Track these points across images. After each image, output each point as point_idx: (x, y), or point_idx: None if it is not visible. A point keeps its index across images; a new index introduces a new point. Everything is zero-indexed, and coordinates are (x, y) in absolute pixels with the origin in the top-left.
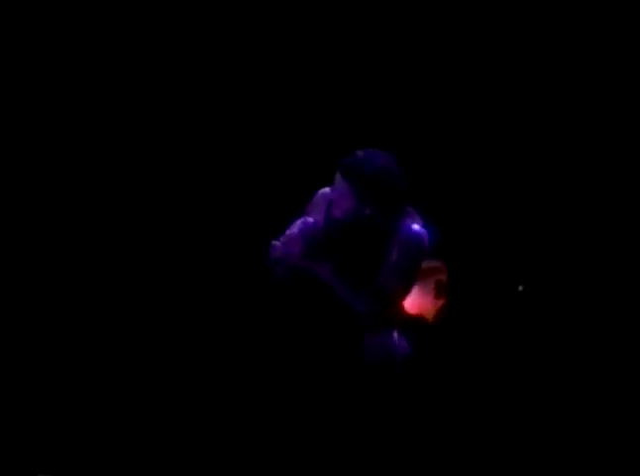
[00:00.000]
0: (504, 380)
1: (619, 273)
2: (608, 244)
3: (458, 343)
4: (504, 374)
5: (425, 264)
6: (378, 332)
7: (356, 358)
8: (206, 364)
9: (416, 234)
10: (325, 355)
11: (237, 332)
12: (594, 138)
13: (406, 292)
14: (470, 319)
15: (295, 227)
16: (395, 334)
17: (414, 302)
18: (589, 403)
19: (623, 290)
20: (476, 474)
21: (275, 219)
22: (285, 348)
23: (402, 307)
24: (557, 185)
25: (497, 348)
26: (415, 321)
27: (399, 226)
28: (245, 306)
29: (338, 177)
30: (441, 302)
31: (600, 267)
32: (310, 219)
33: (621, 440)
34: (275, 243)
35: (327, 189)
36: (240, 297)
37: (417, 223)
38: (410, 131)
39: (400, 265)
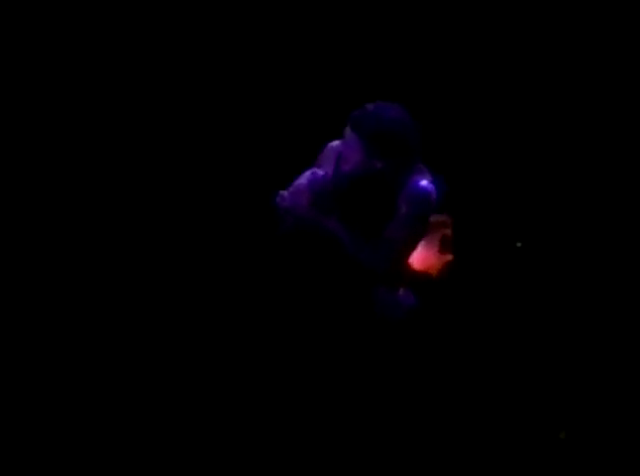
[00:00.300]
0: (505, 345)
1: (615, 236)
2: (608, 210)
3: (461, 298)
4: (505, 339)
5: (431, 218)
6: (385, 286)
7: (362, 310)
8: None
9: (424, 189)
10: (331, 308)
11: (244, 286)
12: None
13: (414, 246)
14: (471, 275)
15: (304, 178)
16: (401, 290)
17: (419, 257)
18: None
19: (619, 255)
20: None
21: (285, 170)
22: (292, 300)
23: (409, 262)
24: (562, 146)
25: (498, 305)
26: (421, 276)
27: (408, 181)
28: (252, 258)
29: (348, 130)
30: (446, 257)
31: (599, 229)
32: (319, 171)
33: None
34: (283, 193)
35: (337, 142)
36: (247, 248)
37: (426, 178)
38: (420, 86)
39: (408, 219)
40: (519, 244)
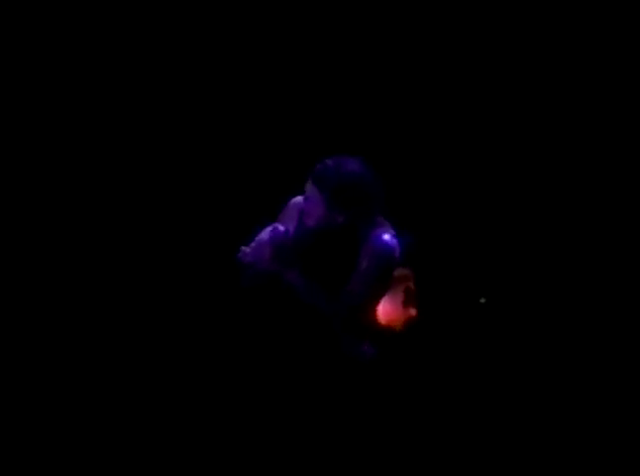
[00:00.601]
0: (471, 387)
1: (579, 287)
2: (564, 262)
3: (426, 351)
4: (471, 381)
5: (395, 272)
6: (349, 342)
7: (325, 364)
8: (178, 369)
9: (387, 244)
10: (295, 361)
11: (208, 336)
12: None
13: (377, 300)
14: (436, 329)
15: (265, 233)
16: (364, 343)
17: (383, 310)
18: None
19: (585, 303)
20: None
21: (247, 226)
22: (256, 352)
23: (373, 316)
24: (521, 202)
25: (463, 357)
26: (385, 329)
27: (370, 235)
28: (216, 310)
29: (309, 185)
30: (410, 311)
31: (560, 284)
32: (280, 226)
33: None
34: (245, 249)
35: (300, 198)
36: (211, 300)
37: (388, 233)
38: (381, 139)
39: (370, 274)
40: (483, 300)
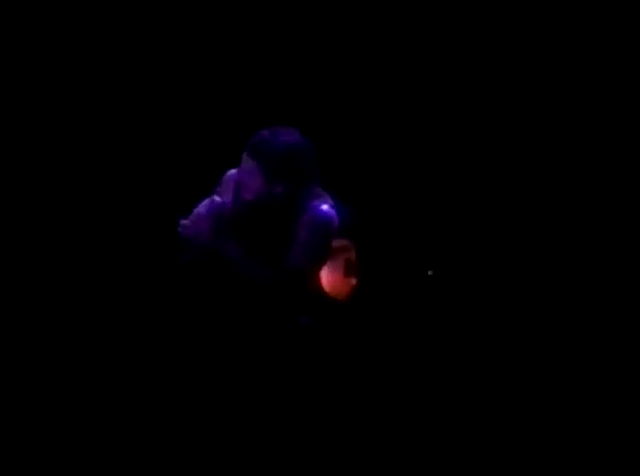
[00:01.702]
0: (413, 361)
1: (520, 260)
2: (510, 230)
3: (367, 323)
4: (412, 355)
5: (334, 243)
6: (290, 313)
7: (268, 337)
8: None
9: (325, 214)
10: (236, 337)
11: (152, 312)
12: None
13: (315, 271)
14: (380, 300)
15: (203, 206)
16: (305, 313)
17: (325, 281)
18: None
19: (527, 278)
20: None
21: (183, 200)
22: (198, 328)
23: (314, 286)
24: (464, 164)
25: (405, 330)
26: (327, 300)
27: (308, 206)
28: (158, 287)
29: (245, 157)
30: (351, 281)
31: (504, 252)
32: (218, 198)
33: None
34: (184, 222)
35: (235, 171)
36: (152, 277)
37: (326, 203)
38: (316, 106)
39: (309, 244)
40: (430, 272)
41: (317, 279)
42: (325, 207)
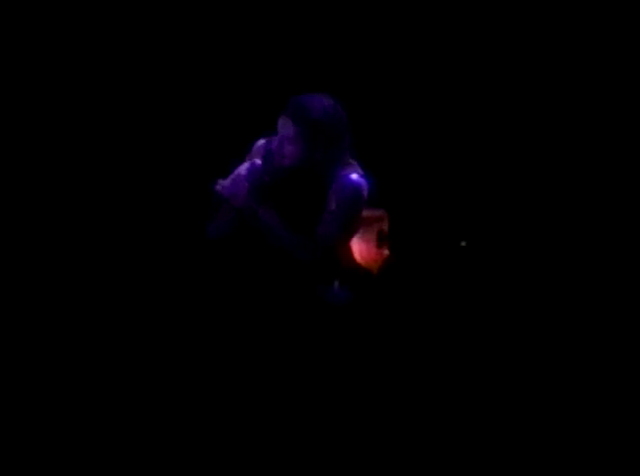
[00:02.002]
0: (445, 335)
1: (554, 233)
2: (545, 207)
3: (400, 294)
4: (444, 328)
5: (367, 213)
6: (320, 280)
7: (297, 307)
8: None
9: (355, 182)
10: (267, 307)
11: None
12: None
13: (346, 241)
14: (412, 271)
15: (242, 168)
16: (336, 284)
17: (357, 252)
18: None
19: (559, 252)
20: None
21: (217, 167)
22: (227, 299)
23: (346, 256)
24: (499, 142)
25: (438, 301)
26: (359, 271)
27: (339, 175)
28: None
29: (283, 122)
30: (384, 252)
31: (539, 227)
32: (258, 161)
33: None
34: (222, 182)
35: (263, 140)
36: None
37: (356, 172)
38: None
39: (339, 213)
40: (464, 243)
41: (348, 249)
42: (355, 176)
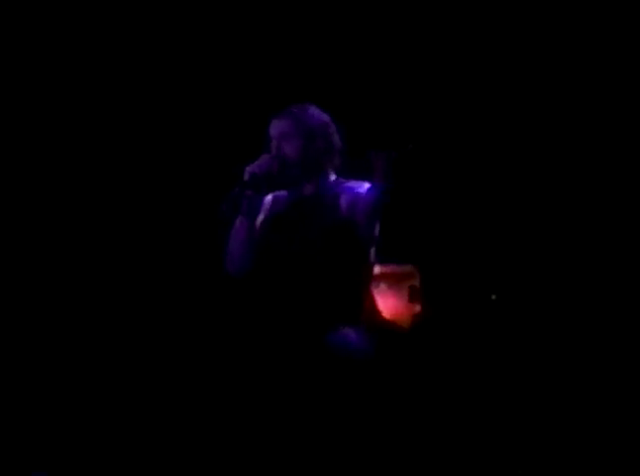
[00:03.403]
0: (477, 384)
1: (588, 285)
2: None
3: (427, 348)
4: (476, 378)
5: (396, 269)
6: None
7: (316, 352)
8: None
9: (368, 191)
10: (286, 349)
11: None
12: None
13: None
14: (443, 326)
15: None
16: (355, 332)
17: (389, 307)
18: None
19: (593, 301)
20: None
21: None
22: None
23: (377, 311)
24: (531, 191)
25: (470, 354)
26: (390, 325)
27: (346, 189)
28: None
29: (276, 124)
30: (415, 308)
31: (571, 279)
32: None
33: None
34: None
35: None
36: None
37: (362, 184)
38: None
39: (372, 219)
40: (494, 296)
41: (375, 306)
42: (364, 186)
